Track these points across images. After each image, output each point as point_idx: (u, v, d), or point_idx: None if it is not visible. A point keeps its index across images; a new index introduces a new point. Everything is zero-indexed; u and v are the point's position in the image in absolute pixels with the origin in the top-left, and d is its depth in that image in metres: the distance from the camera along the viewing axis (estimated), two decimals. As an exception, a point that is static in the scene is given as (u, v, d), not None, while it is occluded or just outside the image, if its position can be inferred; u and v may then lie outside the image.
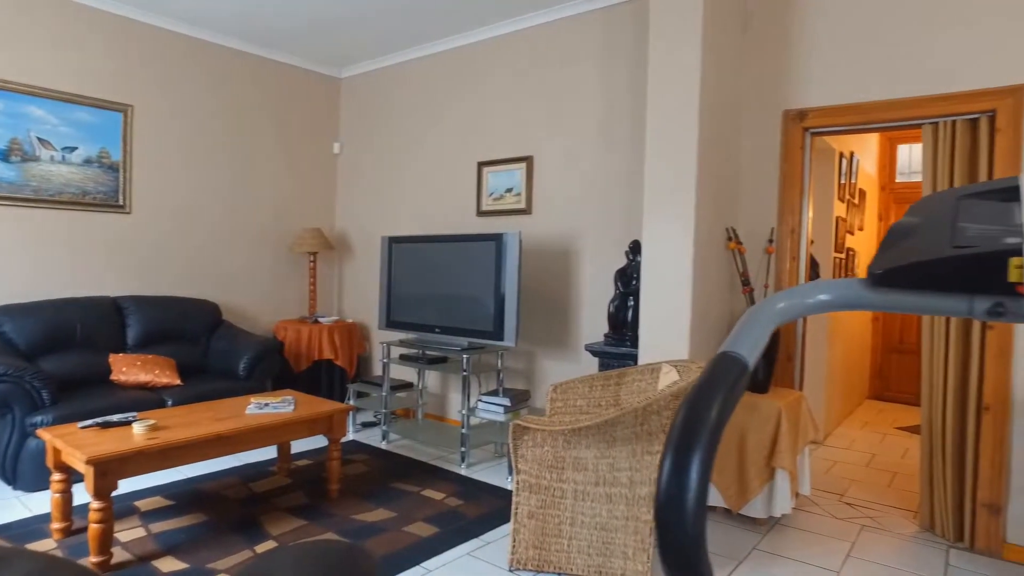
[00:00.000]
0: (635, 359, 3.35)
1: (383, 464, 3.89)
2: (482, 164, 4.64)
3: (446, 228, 4.91)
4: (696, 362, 2.69)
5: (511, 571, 2.57)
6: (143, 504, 3.18)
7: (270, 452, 4.06)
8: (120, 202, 4.40)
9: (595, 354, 3.54)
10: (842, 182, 4.91)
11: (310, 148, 5.56)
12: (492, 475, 3.76)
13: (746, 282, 3.30)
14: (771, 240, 3.41)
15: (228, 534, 2.84)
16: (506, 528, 2.98)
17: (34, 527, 2.88)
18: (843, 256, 5.13)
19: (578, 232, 4.14)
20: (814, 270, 4.27)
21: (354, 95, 5.63)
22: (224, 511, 3.10)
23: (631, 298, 3.52)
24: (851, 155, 5.14)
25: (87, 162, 4.23)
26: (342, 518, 3.05)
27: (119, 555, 2.62)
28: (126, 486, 3.42)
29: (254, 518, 3.03)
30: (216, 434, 2.79)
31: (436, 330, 4.26)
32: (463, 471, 3.82)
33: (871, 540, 2.96)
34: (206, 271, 4.91)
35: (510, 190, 4.48)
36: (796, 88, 3.34)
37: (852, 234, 5.39)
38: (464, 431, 3.90)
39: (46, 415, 3.28)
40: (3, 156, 3.88)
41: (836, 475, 3.92)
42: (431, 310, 4.31)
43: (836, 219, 4.79)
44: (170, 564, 2.55)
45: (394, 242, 4.55)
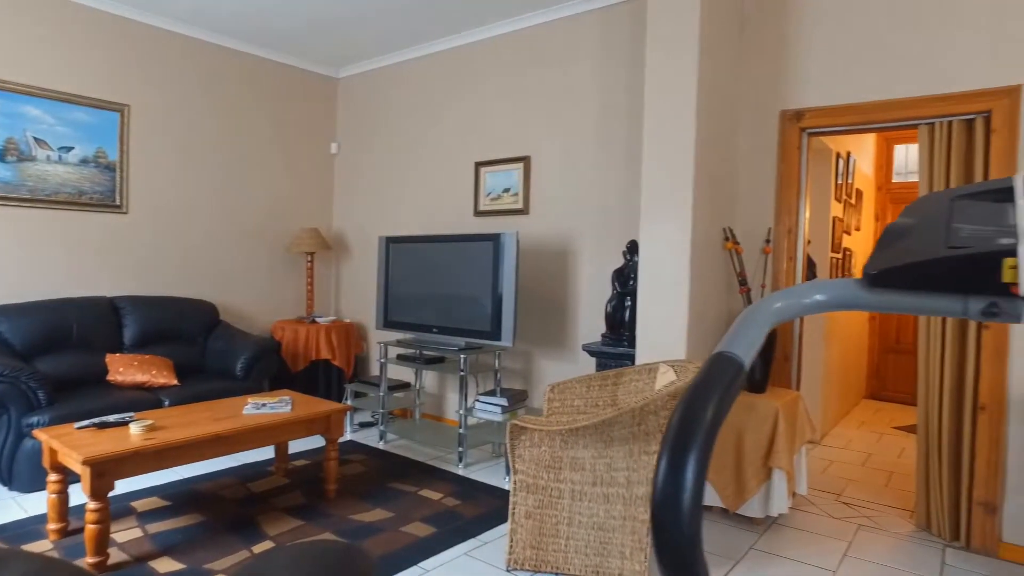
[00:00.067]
0: (632, 359, 3.36)
1: (381, 464, 3.89)
2: (480, 164, 4.64)
3: (444, 228, 4.91)
4: (693, 362, 2.70)
5: (508, 571, 2.58)
6: (140, 504, 3.17)
7: (267, 452, 4.06)
8: (117, 202, 4.39)
9: (592, 354, 3.55)
10: (839, 182, 4.92)
11: (307, 148, 5.56)
12: (489, 475, 3.77)
13: (743, 282, 3.31)
14: (768, 240, 3.42)
15: (225, 534, 2.84)
16: (503, 528, 2.98)
17: (30, 528, 2.87)
18: (840, 256, 5.14)
19: (575, 232, 4.14)
20: (811, 270, 4.28)
21: (351, 95, 5.63)
22: (221, 511, 3.10)
23: (628, 298, 3.52)
24: (848, 155, 5.15)
25: (83, 162, 4.22)
26: (339, 518, 3.05)
27: (116, 556, 2.61)
28: (123, 486, 3.41)
29: (251, 518, 3.02)
30: (213, 434, 2.79)
31: (434, 330, 4.26)
32: (460, 471, 3.82)
33: (868, 539, 2.97)
34: (203, 271, 4.90)
35: (508, 190, 4.48)
36: (793, 88, 3.35)
37: (849, 234, 5.41)
38: (461, 431, 3.90)
39: (42, 415, 3.28)
40: (-1, 156, 3.88)
41: (833, 475, 3.92)
42: (429, 310, 4.31)
43: (833, 219, 4.80)
44: (167, 565, 2.55)
45: (391, 242, 4.55)
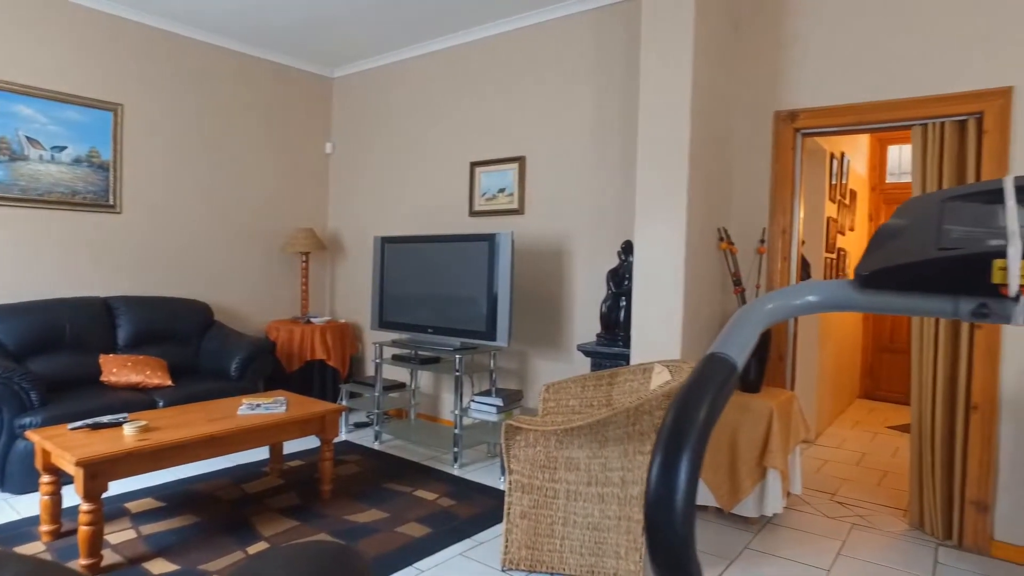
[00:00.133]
0: (627, 359, 3.36)
1: (376, 465, 3.89)
2: (475, 164, 4.64)
3: (439, 228, 4.91)
4: (688, 362, 2.70)
5: (504, 571, 2.58)
6: (134, 506, 3.16)
7: (262, 453, 4.05)
8: (110, 202, 4.37)
9: (587, 354, 3.55)
10: (833, 183, 4.94)
11: (302, 148, 5.55)
12: (485, 475, 3.77)
13: (738, 282, 3.32)
14: (763, 240, 3.43)
15: (220, 535, 2.83)
16: (499, 528, 2.98)
17: (22, 530, 2.86)
18: (834, 256, 5.16)
19: (570, 232, 4.15)
20: (805, 270, 4.30)
21: (346, 95, 5.62)
22: (216, 512, 3.09)
23: (623, 298, 3.53)
24: (842, 156, 5.17)
25: (76, 161, 4.20)
26: (334, 519, 3.05)
27: (109, 557, 2.60)
28: (116, 488, 3.40)
29: (246, 519, 3.01)
30: (208, 435, 2.78)
31: (429, 330, 4.26)
32: (456, 471, 3.82)
33: (861, 538, 2.99)
34: (197, 271, 4.88)
35: (503, 190, 4.48)
36: (787, 89, 3.36)
37: (843, 234, 5.43)
38: (457, 431, 3.90)
39: (35, 416, 3.26)
40: (-9, 155, 3.86)
41: (827, 474, 3.94)
42: (424, 310, 4.30)
43: (827, 219, 4.81)
44: (161, 566, 2.54)
45: (387, 242, 4.54)
